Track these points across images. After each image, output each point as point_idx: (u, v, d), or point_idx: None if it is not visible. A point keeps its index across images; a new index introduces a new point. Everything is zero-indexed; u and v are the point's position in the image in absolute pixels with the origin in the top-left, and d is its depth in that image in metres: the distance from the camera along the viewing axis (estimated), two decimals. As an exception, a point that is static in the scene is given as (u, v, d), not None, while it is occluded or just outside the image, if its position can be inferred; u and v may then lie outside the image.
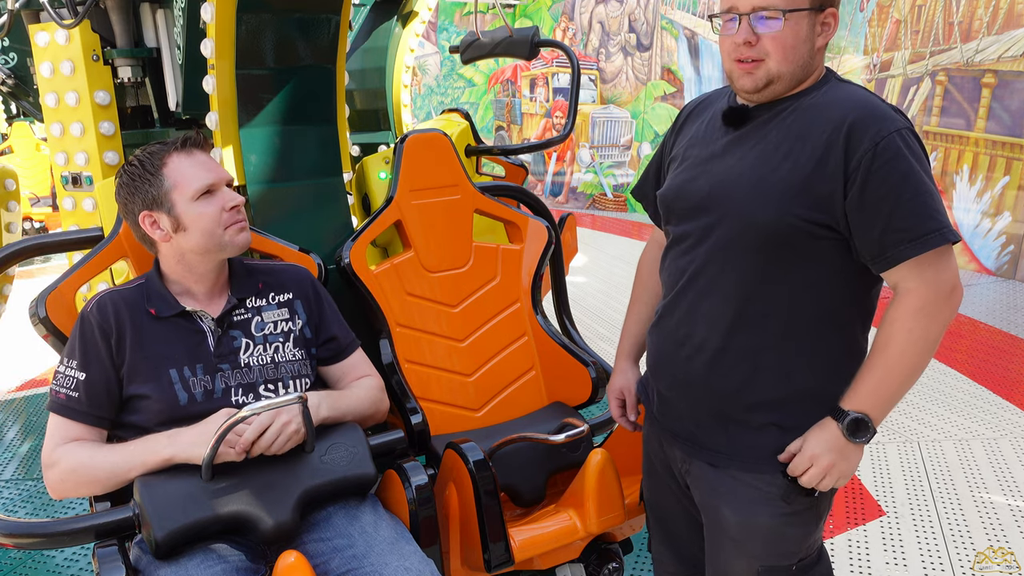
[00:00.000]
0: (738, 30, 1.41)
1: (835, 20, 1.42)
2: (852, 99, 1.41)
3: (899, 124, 1.36)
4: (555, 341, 2.42)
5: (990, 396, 4.25)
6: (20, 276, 4.91)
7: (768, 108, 1.47)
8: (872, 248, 1.37)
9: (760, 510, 1.50)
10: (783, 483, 1.47)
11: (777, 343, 1.46)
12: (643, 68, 9.88)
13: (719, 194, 1.47)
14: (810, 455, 1.43)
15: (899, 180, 1.33)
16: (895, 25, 7.18)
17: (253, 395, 1.74)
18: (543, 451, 2.07)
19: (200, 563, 1.54)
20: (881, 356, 1.40)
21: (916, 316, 1.36)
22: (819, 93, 1.44)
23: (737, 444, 1.51)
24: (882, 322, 1.41)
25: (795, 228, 1.39)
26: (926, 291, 1.36)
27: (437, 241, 2.38)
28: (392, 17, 4.11)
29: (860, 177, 1.34)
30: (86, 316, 1.71)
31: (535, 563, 1.96)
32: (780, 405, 1.48)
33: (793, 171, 1.39)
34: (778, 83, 1.43)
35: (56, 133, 2.72)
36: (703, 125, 1.59)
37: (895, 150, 1.33)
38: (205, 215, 1.70)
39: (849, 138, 1.35)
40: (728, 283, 1.47)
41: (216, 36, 2.09)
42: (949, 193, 6.92)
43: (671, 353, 1.58)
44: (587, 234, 8.66)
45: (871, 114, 1.37)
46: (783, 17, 1.38)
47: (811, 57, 1.42)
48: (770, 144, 1.43)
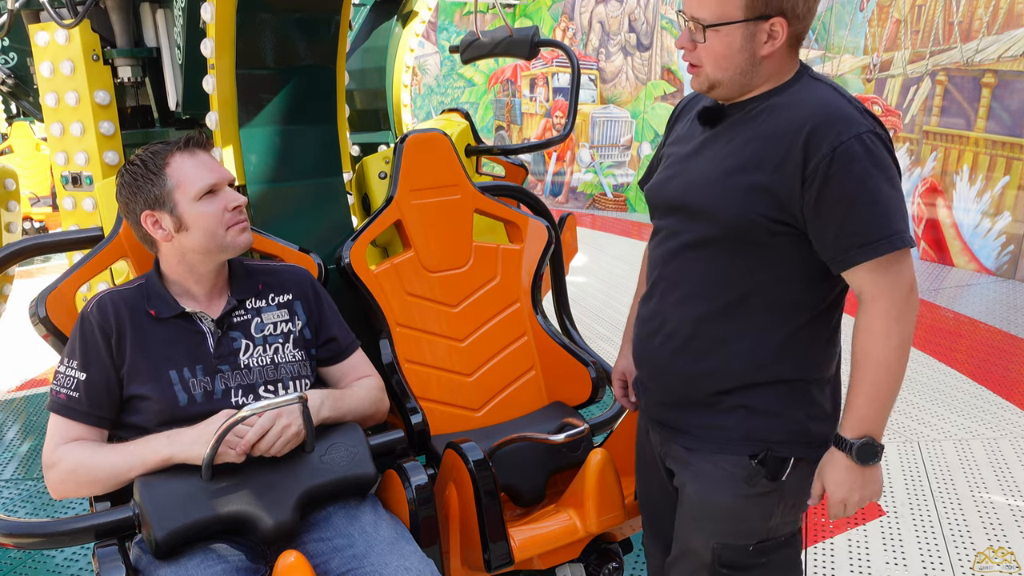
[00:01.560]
0: (681, 34, 1.47)
1: (784, 28, 1.40)
2: (817, 101, 1.42)
3: (861, 128, 1.37)
4: (555, 341, 2.42)
5: (990, 396, 4.25)
6: (20, 276, 4.90)
7: (740, 107, 1.49)
8: (827, 251, 1.41)
9: (721, 489, 1.55)
10: (748, 464, 1.52)
11: (744, 332, 1.50)
12: (643, 68, 9.88)
13: (690, 193, 1.52)
14: (839, 500, 1.47)
15: (854, 186, 1.35)
16: (895, 25, 7.18)
17: (253, 396, 1.75)
18: (543, 451, 2.07)
19: (200, 563, 1.54)
20: (865, 370, 1.42)
21: (888, 323, 1.39)
22: (789, 92, 1.46)
23: (707, 426, 1.56)
24: (855, 335, 1.43)
25: (756, 225, 1.43)
26: (888, 297, 1.38)
27: (437, 241, 2.38)
28: (392, 17, 4.10)
29: (817, 181, 1.36)
30: (86, 316, 1.71)
31: (535, 563, 1.96)
32: (748, 390, 1.52)
33: (756, 171, 1.42)
34: (721, 88, 1.47)
35: (56, 133, 2.72)
36: (687, 123, 1.64)
37: (852, 155, 1.35)
38: (207, 215, 1.70)
39: (808, 142, 1.37)
40: (696, 276, 1.53)
41: (216, 36, 2.09)
42: (949, 193, 6.92)
43: (647, 341, 1.65)
44: (587, 234, 8.66)
45: (833, 117, 1.38)
46: (707, 29, 1.41)
47: (752, 65, 1.43)
48: (739, 143, 1.46)
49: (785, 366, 1.51)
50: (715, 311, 1.51)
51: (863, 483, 1.46)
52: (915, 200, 7.20)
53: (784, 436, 1.51)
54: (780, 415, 1.51)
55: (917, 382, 4.43)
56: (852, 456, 1.43)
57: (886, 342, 1.39)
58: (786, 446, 1.51)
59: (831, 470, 1.47)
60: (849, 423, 1.44)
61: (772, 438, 1.52)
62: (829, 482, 1.47)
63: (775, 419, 1.52)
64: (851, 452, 1.43)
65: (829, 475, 1.47)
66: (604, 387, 2.33)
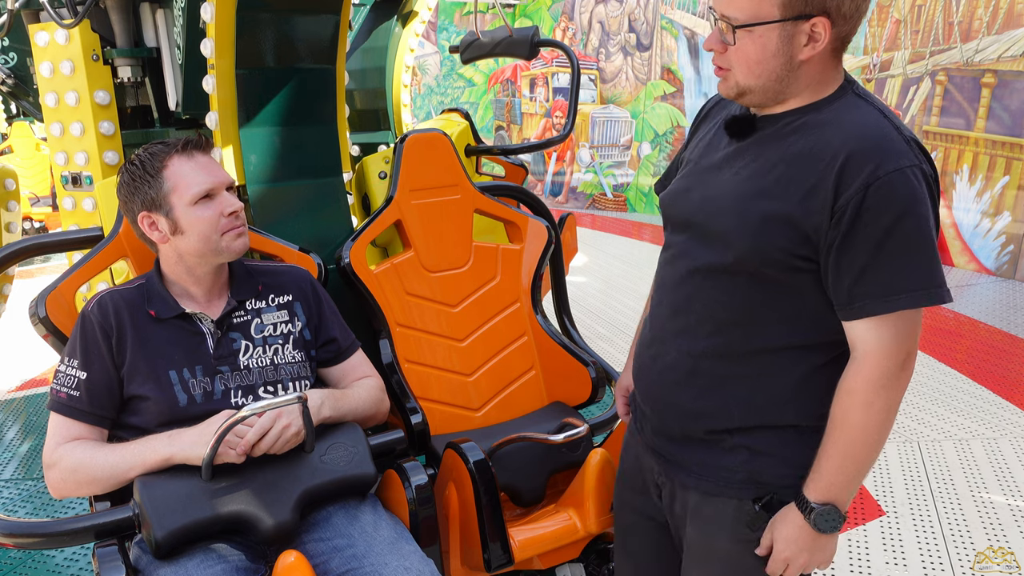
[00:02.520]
0: (710, 34, 1.32)
1: (827, 30, 1.24)
2: (858, 124, 1.26)
3: (905, 161, 1.22)
4: (555, 341, 2.42)
5: (990, 396, 4.25)
6: (20, 276, 4.91)
7: (773, 121, 1.34)
8: (840, 296, 1.27)
9: (722, 533, 1.44)
10: (752, 510, 1.40)
11: (749, 372, 1.38)
12: (643, 68, 9.88)
13: (706, 211, 1.38)
14: (784, 558, 1.37)
15: (885, 230, 1.21)
16: (895, 25, 7.18)
17: (253, 397, 1.74)
18: (543, 451, 2.07)
19: (200, 563, 1.54)
20: (840, 434, 1.30)
21: (874, 388, 1.27)
22: (829, 110, 1.30)
23: (707, 465, 1.44)
24: (838, 391, 1.30)
25: (772, 260, 1.29)
26: (882, 359, 1.26)
27: (437, 241, 2.38)
28: (392, 17, 4.10)
29: (847, 218, 1.22)
30: (87, 315, 1.71)
31: (535, 563, 1.96)
32: (752, 431, 1.40)
33: (780, 198, 1.28)
34: (751, 95, 1.32)
35: (56, 133, 2.72)
36: (712, 129, 1.49)
37: (891, 192, 1.20)
38: (203, 219, 1.69)
39: (843, 173, 1.22)
40: (700, 306, 1.40)
41: (216, 36, 2.09)
42: (949, 193, 6.92)
43: (647, 367, 1.53)
44: (587, 234, 8.66)
45: (874, 146, 1.22)
46: (737, 30, 1.26)
47: (789, 71, 1.28)
48: (765, 164, 1.32)
49: (792, 410, 1.38)
50: (724, 348, 1.38)
51: (813, 548, 1.35)
52: (915, 200, 7.21)
53: (791, 481, 1.37)
54: (786, 459, 1.39)
55: (917, 382, 4.43)
56: (810, 520, 1.32)
57: (867, 410, 1.27)
58: (791, 491, 1.37)
59: (783, 526, 1.36)
60: (814, 485, 1.32)
61: (778, 482, 1.39)
62: (778, 538, 1.36)
63: (779, 462, 1.39)
64: (809, 516, 1.32)
65: (780, 531, 1.36)
66: (604, 387, 2.33)
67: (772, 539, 1.38)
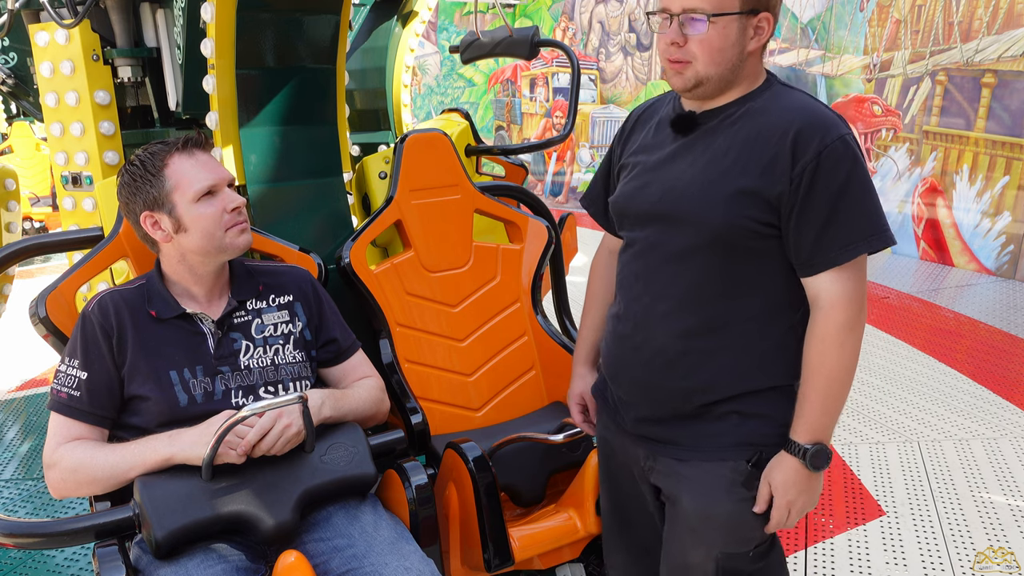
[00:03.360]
0: (668, 30, 1.44)
1: (770, 24, 1.43)
2: (798, 105, 1.44)
3: (843, 130, 1.41)
4: (555, 341, 2.42)
5: (990, 396, 4.25)
6: (20, 276, 4.91)
7: (714, 115, 1.49)
8: (802, 253, 1.43)
9: (720, 496, 1.53)
10: (745, 469, 1.51)
11: (735, 343, 1.50)
12: (643, 68, 9.89)
13: (670, 200, 1.50)
14: (785, 503, 1.48)
15: (840, 187, 1.39)
16: (895, 25, 7.18)
17: (253, 397, 1.74)
18: (543, 451, 2.07)
19: (200, 563, 1.55)
20: (819, 378, 1.44)
21: (845, 331, 1.42)
22: (763, 99, 1.47)
23: (699, 435, 1.55)
24: (809, 340, 1.45)
25: (746, 229, 1.43)
26: (848, 305, 1.42)
27: (437, 241, 2.38)
28: (392, 17, 4.10)
29: (804, 183, 1.39)
30: (87, 315, 1.71)
31: (535, 563, 1.96)
32: (740, 398, 1.51)
33: (742, 175, 1.42)
34: (706, 85, 1.46)
35: (56, 133, 2.72)
36: (650, 131, 1.61)
37: (838, 156, 1.38)
38: (206, 216, 1.70)
39: (795, 144, 1.39)
40: (683, 287, 1.50)
41: (216, 36, 2.09)
42: (949, 193, 6.92)
43: (628, 358, 1.61)
44: (587, 234, 8.64)
45: (815, 121, 1.41)
46: (708, 20, 1.40)
47: (740, 60, 1.44)
48: (719, 150, 1.46)
49: (774, 371, 1.51)
50: (705, 323, 1.50)
51: (809, 488, 1.48)
52: (915, 200, 7.20)
53: (776, 438, 1.50)
54: (771, 417, 1.52)
55: (917, 382, 4.43)
56: (806, 462, 1.45)
57: (840, 351, 1.42)
58: (777, 448, 1.50)
59: (779, 472, 1.48)
60: (802, 429, 1.46)
61: (764, 440, 1.51)
62: (778, 485, 1.48)
63: (766, 422, 1.52)
64: (805, 457, 1.45)
65: (776, 478, 1.48)
66: (604, 387, 2.33)
67: (770, 490, 1.49)
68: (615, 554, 1.83)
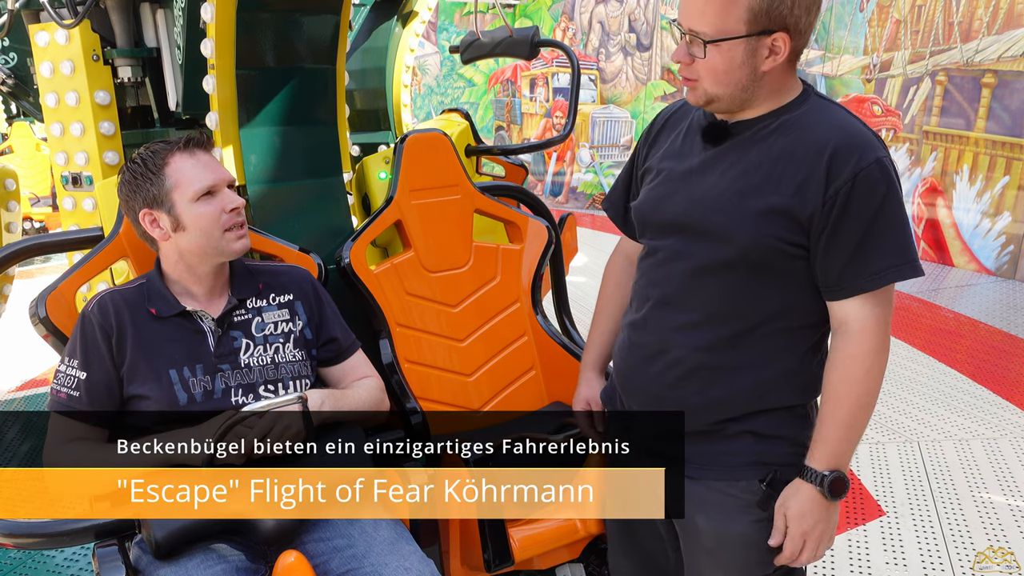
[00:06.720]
0: (679, 45, 1.41)
1: (787, 44, 1.35)
2: (836, 122, 1.40)
3: (880, 152, 1.36)
4: (555, 341, 2.42)
5: (990, 396, 4.25)
6: (20, 276, 4.90)
7: (748, 126, 1.44)
8: (830, 276, 1.39)
9: (735, 518, 1.49)
10: (759, 489, 1.46)
11: (753, 360, 1.45)
12: (643, 68, 9.89)
13: (697, 212, 1.45)
14: (800, 534, 1.42)
15: (872, 214, 1.35)
16: (895, 25, 7.18)
17: (253, 396, 1.75)
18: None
19: (200, 563, 1.55)
20: (843, 402, 1.39)
21: (872, 355, 1.38)
22: (799, 112, 1.42)
23: (712, 454, 1.50)
24: (834, 364, 1.41)
25: (773, 249, 1.39)
26: (877, 330, 1.38)
27: (437, 241, 2.38)
28: (392, 17, 4.10)
29: (838, 206, 1.34)
30: (87, 315, 1.71)
31: (535, 563, 1.96)
32: (755, 417, 1.47)
33: (774, 193, 1.38)
34: (719, 102, 1.41)
35: (56, 133, 2.72)
36: (679, 137, 1.56)
37: (873, 181, 1.34)
38: (204, 215, 1.70)
39: (831, 164, 1.34)
40: (703, 302, 1.46)
41: (216, 36, 2.09)
42: (949, 193, 6.92)
43: (642, 369, 1.56)
44: (587, 234, 8.65)
45: (854, 140, 1.36)
46: (705, 46, 1.35)
47: (753, 81, 1.38)
48: (750, 164, 1.41)
49: (791, 391, 1.47)
50: (726, 339, 1.45)
51: (827, 518, 1.42)
52: (915, 200, 7.20)
53: (790, 458, 1.46)
54: (785, 438, 1.47)
55: (917, 382, 4.43)
56: (823, 489, 1.39)
57: (867, 376, 1.39)
58: (791, 468, 1.46)
59: (795, 501, 1.42)
60: (820, 454, 1.41)
61: (779, 460, 1.47)
62: (793, 515, 1.42)
63: (781, 442, 1.47)
64: (822, 484, 1.39)
65: (793, 507, 1.42)
66: (604, 387, 2.33)
67: (785, 520, 1.43)
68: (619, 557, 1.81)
